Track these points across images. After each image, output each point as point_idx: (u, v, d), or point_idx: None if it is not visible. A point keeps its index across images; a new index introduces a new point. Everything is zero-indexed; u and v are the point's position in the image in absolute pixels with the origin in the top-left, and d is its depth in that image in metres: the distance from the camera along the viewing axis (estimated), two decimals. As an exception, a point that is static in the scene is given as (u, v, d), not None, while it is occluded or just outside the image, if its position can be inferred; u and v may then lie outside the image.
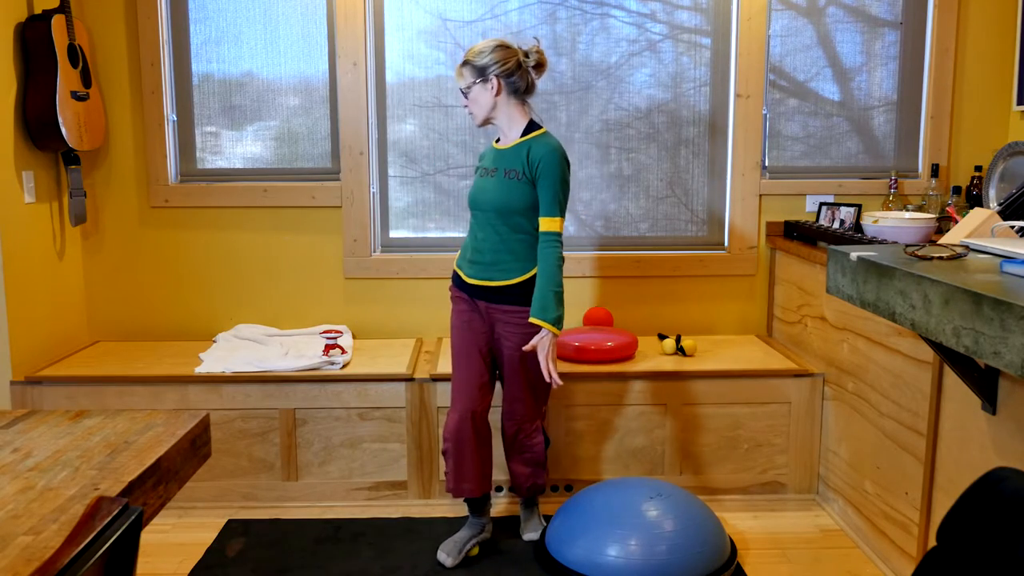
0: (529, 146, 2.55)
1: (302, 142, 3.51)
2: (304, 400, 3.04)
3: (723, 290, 3.60)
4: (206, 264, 3.52)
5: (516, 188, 2.54)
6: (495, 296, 2.61)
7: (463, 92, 2.58)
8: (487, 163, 2.64)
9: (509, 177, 2.55)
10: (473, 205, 2.63)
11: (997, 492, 1.23)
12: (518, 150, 2.57)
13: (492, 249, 2.59)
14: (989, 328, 1.50)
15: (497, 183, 2.56)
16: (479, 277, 2.62)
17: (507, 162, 2.57)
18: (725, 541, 2.62)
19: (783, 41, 3.51)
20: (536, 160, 2.52)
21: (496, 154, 2.62)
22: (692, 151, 3.57)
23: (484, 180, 2.61)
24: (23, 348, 3.04)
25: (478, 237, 2.62)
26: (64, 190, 3.31)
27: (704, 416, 3.10)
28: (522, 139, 2.58)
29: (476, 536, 2.73)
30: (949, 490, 2.33)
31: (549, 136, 2.57)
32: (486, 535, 2.76)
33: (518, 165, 2.55)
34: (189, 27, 3.43)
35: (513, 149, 2.58)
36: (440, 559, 2.65)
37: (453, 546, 2.68)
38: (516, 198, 2.54)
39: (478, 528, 2.74)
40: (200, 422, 1.66)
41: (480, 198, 2.60)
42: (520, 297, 2.59)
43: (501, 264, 2.59)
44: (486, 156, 2.68)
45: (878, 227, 2.79)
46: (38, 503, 1.27)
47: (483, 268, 2.61)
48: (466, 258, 2.67)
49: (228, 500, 3.10)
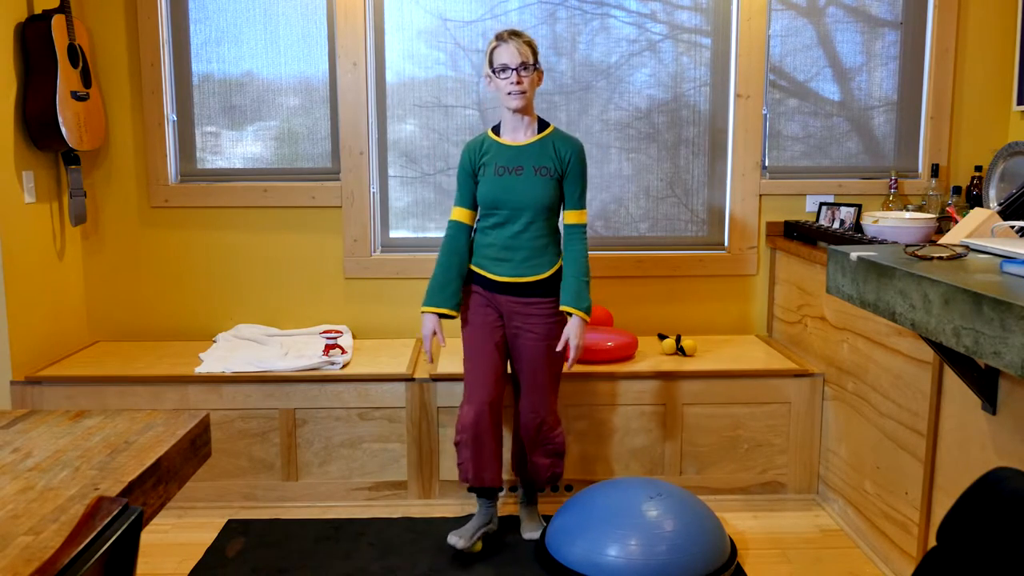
0: (554, 142, 2.60)
1: (302, 142, 3.51)
2: (304, 400, 3.04)
3: (723, 290, 3.60)
4: (206, 264, 3.52)
5: (550, 185, 2.58)
6: (524, 291, 2.62)
7: (521, 68, 2.50)
8: (504, 160, 2.60)
9: (540, 174, 2.57)
10: (497, 204, 2.59)
11: (997, 492, 1.23)
12: (543, 146, 2.59)
13: (527, 246, 2.60)
14: (989, 328, 1.50)
15: (528, 180, 2.57)
16: (511, 274, 2.62)
17: (534, 159, 2.58)
18: (725, 541, 2.62)
19: (783, 41, 3.51)
20: (567, 157, 2.59)
21: (514, 151, 2.60)
22: (692, 151, 3.56)
23: (509, 178, 2.58)
24: (23, 348, 3.04)
25: (507, 235, 2.61)
26: (64, 190, 3.31)
27: (704, 416, 3.10)
28: (542, 135, 2.60)
29: (486, 526, 2.75)
30: (949, 490, 2.33)
31: (565, 132, 2.65)
32: (493, 527, 2.78)
33: (548, 162, 2.58)
34: (189, 27, 3.43)
35: (537, 145, 2.59)
36: (451, 542, 2.65)
37: (465, 531, 2.69)
38: (551, 195, 2.59)
39: (487, 518, 2.76)
40: (200, 422, 1.66)
41: (509, 197, 2.57)
42: (548, 289, 2.64)
43: (535, 259, 2.61)
44: (495, 151, 2.62)
45: (878, 227, 2.79)
46: (38, 503, 1.27)
47: (516, 265, 2.61)
48: (488, 256, 2.64)
49: (228, 500, 3.10)
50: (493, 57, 2.55)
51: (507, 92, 2.53)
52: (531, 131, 2.62)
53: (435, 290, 2.67)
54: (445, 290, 2.66)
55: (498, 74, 2.53)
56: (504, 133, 2.64)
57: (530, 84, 2.53)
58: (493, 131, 2.67)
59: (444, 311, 2.66)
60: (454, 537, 2.67)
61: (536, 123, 2.63)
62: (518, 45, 2.50)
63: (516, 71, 2.50)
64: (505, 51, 2.51)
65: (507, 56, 2.51)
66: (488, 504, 2.77)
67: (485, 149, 2.64)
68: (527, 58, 2.51)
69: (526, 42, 2.52)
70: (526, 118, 2.61)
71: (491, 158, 2.62)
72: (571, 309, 2.58)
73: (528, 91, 2.53)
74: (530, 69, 2.52)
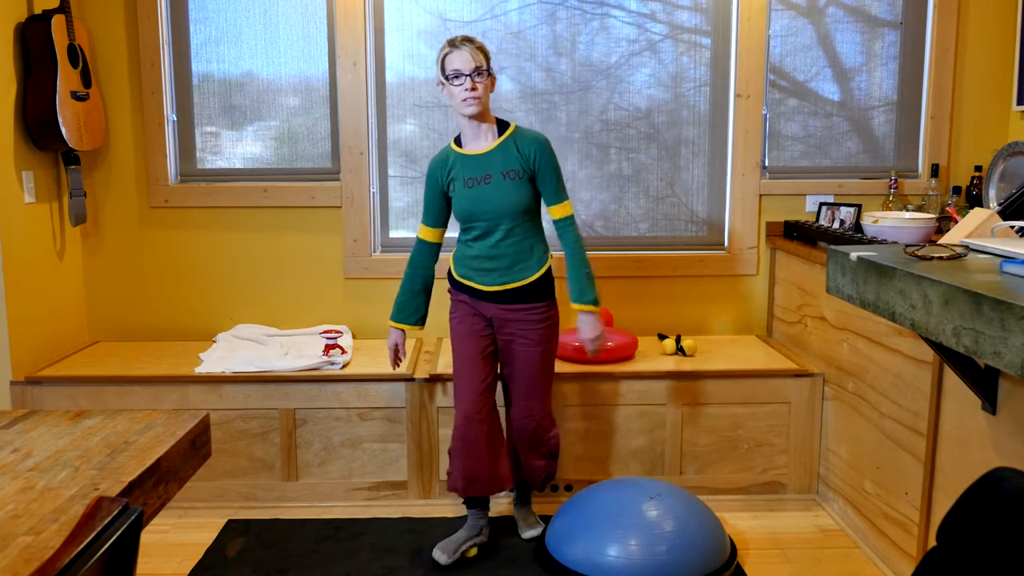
0: (516, 143, 2.56)
1: (302, 142, 3.51)
2: (304, 400, 3.04)
3: (723, 290, 3.60)
4: (206, 264, 3.52)
5: (521, 187, 2.55)
6: (512, 297, 2.61)
7: (474, 74, 2.46)
8: (471, 172, 2.56)
9: (509, 178, 2.54)
10: (473, 217, 2.56)
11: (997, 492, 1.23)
12: (506, 149, 2.55)
13: (511, 253, 2.58)
14: (989, 328, 1.50)
15: (499, 187, 2.53)
16: (499, 283, 2.60)
17: (499, 164, 2.54)
18: (725, 541, 2.62)
19: (783, 41, 3.51)
20: (530, 154, 2.54)
21: (478, 160, 2.56)
22: (692, 151, 3.57)
23: (479, 189, 2.54)
24: (23, 348, 3.04)
25: (489, 245, 2.58)
26: (64, 190, 3.31)
27: (704, 416, 3.10)
28: (503, 137, 2.56)
29: (474, 538, 2.72)
30: (949, 490, 2.33)
31: (524, 128, 2.61)
32: (483, 538, 2.75)
33: (515, 164, 2.54)
34: (189, 27, 3.43)
35: (498, 150, 2.55)
36: (435, 557, 2.65)
37: (449, 544, 2.68)
38: (524, 197, 2.55)
39: (476, 530, 2.74)
40: (200, 422, 1.66)
41: (483, 208, 2.54)
42: (536, 293, 2.62)
43: (520, 264, 2.60)
44: (461, 164, 2.58)
45: (878, 227, 2.79)
46: (38, 503, 1.27)
47: (502, 274, 2.60)
48: (473, 267, 2.62)
49: (228, 500, 3.10)
50: (445, 63, 2.48)
51: (462, 99, 2.47)
52: (492, 136, 2.57)
53: (399, 307, 2.74)
54: (407, 307, 2.73)
55: (451, 81, 2.48)
56: (466, 143, 2.60)
57: (484, 90, 2.49)
58: (455, 143, 2.63)
59: (406, 328, 2.75)
60: (438, 552, 2.65)
61: (496, 126, 2.58)
62: (471, 51, 2.46)
63: (470, 77, 2.46)
64: (458, 57, 2.46)
65: (460, 62, 2.46)
66: (478, 515, 2.75)
67: (451, 164, 2.60)
68: (480, 63, 2.46)
69: (478, 47, 2.48)
70: (484, 124, 2.56)
71: (458, 172, 2.58)
72: (581, 306, 2.59)
73: (483, 96, 2.49)
74: (484, 75, 2.48)
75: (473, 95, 2.46)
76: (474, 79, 2.46)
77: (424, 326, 2.84)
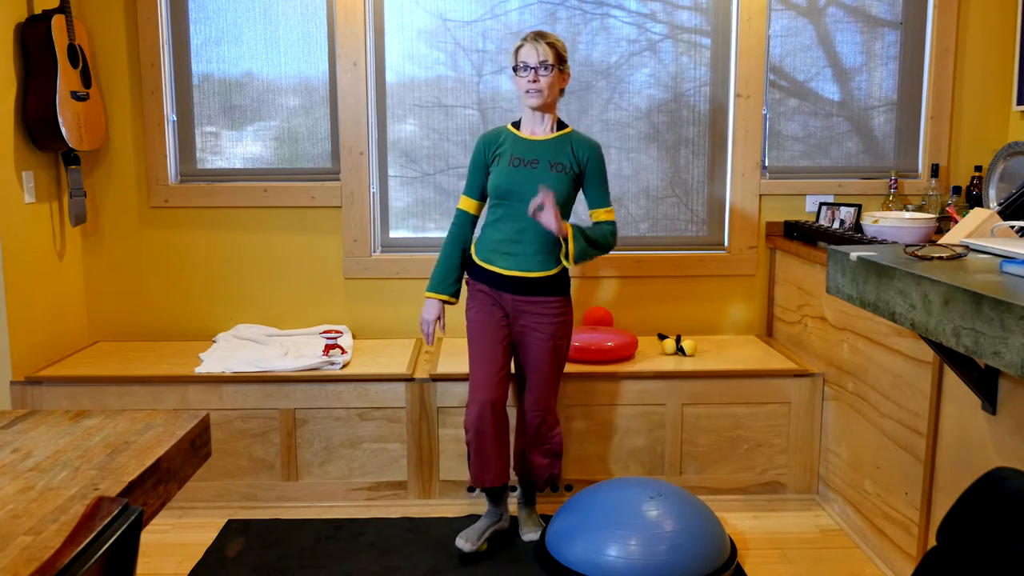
0: (571, 142, 2.65)
1: (302, 142, 3.51)
2: (304, 400, 3.04)
3: (723, 290, 3.60)
4: (206, 264, 3.52)
5: (564, 181, 2.61)
6: (530, 287, 2.64)
7: (540, 67, 2.55)
8: (520, 152, 2.63)
9: (556, 170, 2.60)
10: (509, 194, 2.61)
11: (997, 492, 1.23)
12: (560, 144, 2.63)
13: (537, 241, 2.62)
14: (989, 328, 1.50)
15: (543, 174, 2.60)
16: (518, 268, 2.63)
17: (550, 154, 2.62)
18: (725, 541, 2.62)
19: (783, 41, 3.51)
20: (584, 157, 2.64)
21: (531, 144, 2.64)
22: (692, 151, 3.56)
23: (523, 171, 2.61)
24: (23, 348, 3.04)
25: (516, 229, 2.62)
26: (64, 190, 3.31)
27: (704, 416, 3.10)
28: (560, 133, 2.65)
29: (495, 524, 2.77)
30: (949, 490, 2.33)
31: (580, 132, 2.72)
32: (504, 524, 2.80)
33: (564, 159, 2.62)
34: (189, 27, 3.43)
35: (554, 142, 2.63)
36: (458, 544, 2.68)
37: (472, 532, 2.71)
38: (565, 191, 2.61)
39: (496, 516, 2.78)
40: (200, 422, 1.66)
41: (522, 188, 2.60)
42: (554, 287, 2.66)
43: (543, 255, 2.63)
44: (512, 143, 2.66)
45: (878, 227, 2.79)
46: (38, 503, 1.27)
47: (523, 259, 2.63)
48: (498, 251, 2.65)
49: (228, 500, 3.10)
50: (517, 55, 2.61)
51: (525, 90, 2.60)
52: (551, 129, 2.67)
53: (439, 277, 2.74)
54: (448, 277, 2.74)
55: (518, 72, 2.59)
56: (523, 128, 2.69)
57: (548, 84, 2.57)
58: (513, 125, 2.71)
59: (446, 298, 2.74)
60: (461, 540, 2.68)
61: (556, 122, 2.68)
62: (538, 45, 2.56)
63: (534, 70, 2.56)
64: (526, 50, 2.58)
65: (527, 55, 2.58)
66: (494, 504, 2.79)
67: (501, 141, 2.68)
68: (547, 58, 2.55)
69: (549, 43, 2.57)
70: (547, 116, 2.66)
71: (506, 149, 2.66)
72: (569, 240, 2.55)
73: (545, 90, 2.58)
74: (550, 69, 2.56)
75: (535, 87, 2.58)
76: (538, 72, 2.56)
77: (458, 300, 2.80)
